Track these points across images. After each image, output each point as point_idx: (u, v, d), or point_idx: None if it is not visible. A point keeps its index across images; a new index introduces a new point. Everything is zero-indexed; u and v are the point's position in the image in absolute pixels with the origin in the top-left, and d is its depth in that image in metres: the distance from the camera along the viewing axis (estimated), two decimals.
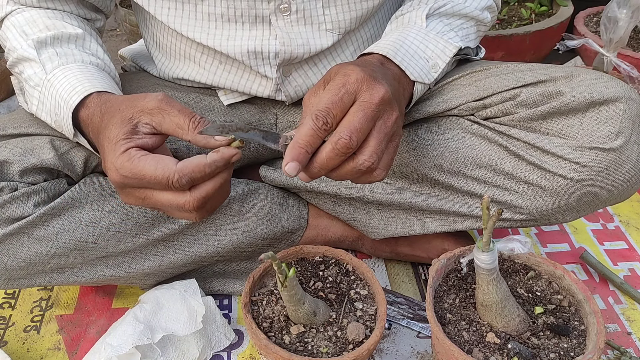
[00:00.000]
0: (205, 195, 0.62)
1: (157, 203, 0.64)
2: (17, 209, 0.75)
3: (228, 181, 0.64)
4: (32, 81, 0.75)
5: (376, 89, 0.63)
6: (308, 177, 0.63)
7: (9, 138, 0.78)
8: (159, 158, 0.62)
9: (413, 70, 0.76)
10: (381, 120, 0.64)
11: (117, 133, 0.63)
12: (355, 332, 0.71)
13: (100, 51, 0.80)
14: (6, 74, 1.45)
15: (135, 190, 0.64)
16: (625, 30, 1.27)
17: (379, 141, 0.63)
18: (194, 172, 0.60)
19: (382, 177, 0.65)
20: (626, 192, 0.76)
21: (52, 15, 0.80)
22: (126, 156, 0.62)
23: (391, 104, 0.64)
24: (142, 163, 0.61)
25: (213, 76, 0.89)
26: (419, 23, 0.80)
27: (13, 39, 0.78)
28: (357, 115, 0.61)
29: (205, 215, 0.65)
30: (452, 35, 0.81)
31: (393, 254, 1.01)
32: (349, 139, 0.60)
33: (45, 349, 0.88)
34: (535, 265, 0.78)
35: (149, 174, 0.61)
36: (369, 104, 0.62)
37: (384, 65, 0.73)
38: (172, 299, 0.84)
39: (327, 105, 0.61)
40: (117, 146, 0.63)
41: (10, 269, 0.78)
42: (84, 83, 0.71)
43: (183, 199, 0.62)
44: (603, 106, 0.73)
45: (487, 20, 0.87)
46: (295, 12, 0.81)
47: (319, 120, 0.61)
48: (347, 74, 0.63)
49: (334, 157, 0.61)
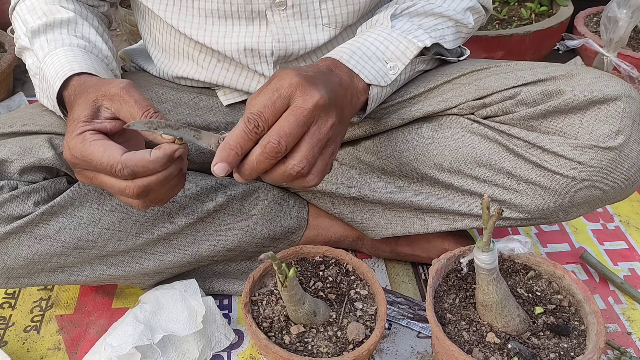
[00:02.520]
0: (146, 184, 0.64)
1: (102, 185, 0.66)
2: (17, 207, 0.75)
3: (176, 175, 0.66)
4: (32, 70, 0.79)
5: (310, 94, 0.63)
6: (242, 179, 0.64)
7: (8, 137, 0.78)
8: (108, 145, 0.64)
9: (368, 73, 0.75)
10: (315, 125, 0.64)
11: (79, 114, 0.65)
12: (355, 332, 0.71)
13: (92, 33, 0.81)
14: (6, 74, 1.45)
15: (84, 170, 0.67)
16: (625, 30, 1.27)
17: (311, 147, 0.63)
18: (136, 167, 0.62)
19: (315, 183, 0.65)
20: (626, 190, 0.76)
21: (50, 1, 0.82)
22: (80, 138, 0.64)
23: (327, 110, 0.64)
24: (92, 147, 0.64)
25: (212, 74, 0.89)
26: (385, 23, 0.80)
27: (18, 27, 0.81)
28: (288, 120, 0.62)
29: (150, 204, 0.67)
30: (419, 33, 0.80)
31: (393, 254, 1.01)
32: (277, 144, 0.61)
33: (45, 349, 0.88)
34: (535, 265, 0.78)
35: (95, 158, 0.63)
36: (301, 110, 0.62)
37: (333, 71, 0.73)
38: (172, 299, 0.84)
39: (259, 108, 0.62)
40: (76, 127, 0.65)
41: (10, 268, 0.78)
42: (65, 67, 0.72)
43: (124, 184, 0.64)
44: (603, 105, 0.73)
45: (470, 22, 0.86)
46: (291, 6, 0.81)
47: (250, 123, 0.62)
48: (282, 78, 0.64)
49: (263, 160, 0.62)
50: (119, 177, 0.63)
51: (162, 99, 0.90)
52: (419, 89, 0.85)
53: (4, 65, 1.43)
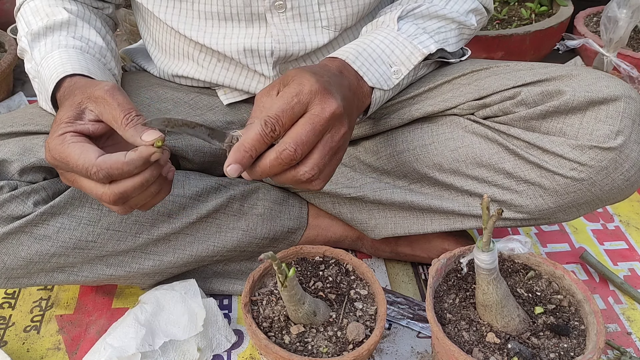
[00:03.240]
0: (123, 191, 0.62)
1: (82, 188, 0.65)
2: (17, 207, 0.75)
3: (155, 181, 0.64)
4: (31, 74, 0.79)
5: (328, 102, 0.63)
6: (250, 177, 0.64)
7: (8, 137, 0.78)
8: (85, 147, 0.62)
9: (372, 76, 0.76)
10: (329, 134, 0.64)
11: (63, 116, 0.65)
12: (355, 332, 0.71)
13: (92, 34, 0.81)
14: (6, 74, 1.45)
15: (65, 172, 0.66)
16: (625, 30, 1.27)
17: (323, 155, 0.63)
18: (111, 169, 0.61)
19: (320, 187, 0.66)
20: (626, 191, 0.76)
21: (53, 3, 0.82)
22: (60, 139, 0.63)
23: (341, 119, 0.65)
24: (70, 149, 0.62)
25: (212, 74, 0.89)
26: (391, 26, 0.80)
27: (21, 29, 0.82)
28: (305, 128, 0.62)
29: (130, 210, 0.66)
30: (424, 38, 0.80)
31: (393, 254, 1.01)
32: (293, 152, 0.61)
33: (45, 349, 0.88)
34: (535, 265, 0.78)
35: (72, 160, 0.62)
36: (319, 118, 0.62)
37: (342, 73, 0.73)
38: (172, 301, 0.84)
39: (278, 112, 0.62)
40: (58, 128, 0.64)
41: (10, 268, 0.78)
42: (59, 69, 0.72)
43: (101, 190, 0.63)
44: (603, 105, 0.73)
45: (472, 23, 0.86)
46: (290, 9, 0.81)
47: (267, 126, 0.61)
48: (302, 84, 0.63)
49: (277, 165, 0.62)
50: (96, 180, 0.62)
51: (162, 99, 0.90)
52: (418, 89, 0.85)
53: (4, 65, 1.43)
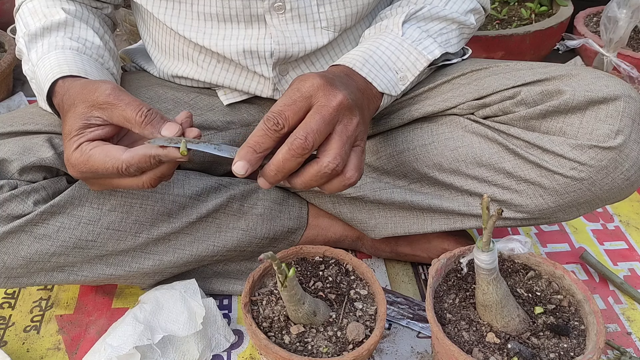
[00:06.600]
0: (160, 175, 0.66)
1: (119, 187, 0.68)
2: (17, 207, 0.75)
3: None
4: (28, 75, 0.79)
5: (333, 93, 0.63)
6: (267, 183, 0.64)
7: (8, 136, 0.78)
8: (106, 150, 0.64)
9: (380, 82, 0.76)
10: (341, 124, 0.64)
11: (71, 128, 0.66)
12: (355, 332, 0.71)
13: (89, 34, 0.81)
14: (6, 74, 1.45)
15: (95, 179, 0.68)
16: (625, 30, 1.27)
17: (342, 144, 0.63)
18: (141, 163, 0.63)
19: (355, 179, 0.65)
20: (626, 190, 0.76)
21: (51, 3, 0.82)
22: (79, 152, 0.65)
23: (351, 110, 0.65)
24: (93, 158, 0.64)
25: (211, 75, 0.89)
26: (395, 31, 0.80)
27: (19, 29, 0.81)
28: (314, 118, 0.62)
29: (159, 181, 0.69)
30: (428, 43, 0.80)
31: (393, 253, 1.01)
32: (304, 139, 0.61)
33: (45, 349, 0.88)
34: (535, 265, 0.78)
35: (100, 166, 0.64)
36: (326, 107, 0.63)
37: (350, 76, 0.73)
38: (172, 300, 0.84)
39: (279, 107, 0.63)
40: (71, 143, 0.66)
41: (10, 268, 0.78)
42: (54, 69, 0.73)
43: (141, 180, 0.66)
44: (603, 105, 0.73)
45: (472, 23, 0.86)
46: (289, 10, 0.81)
47: (269, 121, 0.62)
48: (304, 80, 0.64)
49: (290, 158, 0.62)
50: (129, 175, 0.65)
51: (162, 99, 0.90)
52: (418, 89, 0.85)
53: (4, 65, 1.43)
